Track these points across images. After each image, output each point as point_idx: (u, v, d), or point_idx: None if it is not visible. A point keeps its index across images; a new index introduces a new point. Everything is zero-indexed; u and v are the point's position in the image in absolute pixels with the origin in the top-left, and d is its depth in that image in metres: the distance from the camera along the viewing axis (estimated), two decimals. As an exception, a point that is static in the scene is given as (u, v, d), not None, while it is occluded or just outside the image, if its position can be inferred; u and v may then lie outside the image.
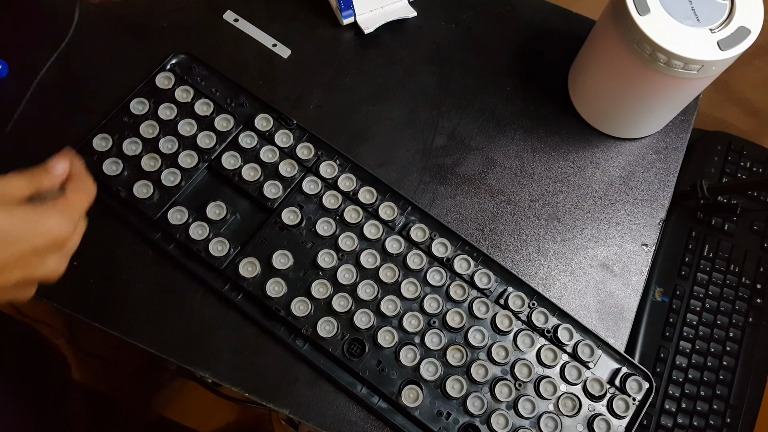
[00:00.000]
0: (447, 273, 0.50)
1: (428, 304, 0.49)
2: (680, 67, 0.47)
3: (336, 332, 0.47)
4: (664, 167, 0.58)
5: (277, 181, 0.52)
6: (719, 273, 0.75)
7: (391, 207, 0.52)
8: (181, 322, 0.49)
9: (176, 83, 0.55)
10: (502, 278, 0.51)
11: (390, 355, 0.47)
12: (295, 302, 0.48)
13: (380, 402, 0.47)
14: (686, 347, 0.71)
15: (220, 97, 0.55)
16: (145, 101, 0.54)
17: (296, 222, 0.50)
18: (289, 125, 0.54)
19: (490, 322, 0.49)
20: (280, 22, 0.60)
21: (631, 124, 0.57)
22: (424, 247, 0.51)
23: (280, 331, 0.48)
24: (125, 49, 0.58)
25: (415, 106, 0.59)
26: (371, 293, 0.49)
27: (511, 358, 0.48)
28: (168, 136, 0.53)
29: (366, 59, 0.60)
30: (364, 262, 0.50)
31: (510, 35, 0.63)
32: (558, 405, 0.47)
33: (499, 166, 0.57)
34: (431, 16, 0.63)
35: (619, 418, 0.47)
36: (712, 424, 0.69)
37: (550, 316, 0.49)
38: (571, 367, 0.48)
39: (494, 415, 0.46)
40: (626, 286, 0.53)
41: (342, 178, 0.52)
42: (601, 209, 0.56)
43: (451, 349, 0.48)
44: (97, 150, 0.51)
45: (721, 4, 0.48)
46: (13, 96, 0.55)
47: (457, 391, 0.47)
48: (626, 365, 0.49)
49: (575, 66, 0.60)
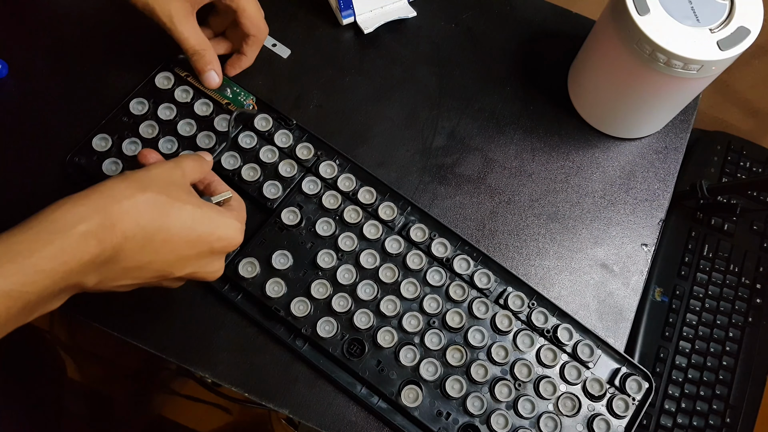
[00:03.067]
0: (446, 273, 0.50)
1: (428, 304, 0.49)
2: (680, 67, 0.47)
3: (336, 332, 0.47)
4: (663, 167, 0.58)
5: (277, 181, 0.52)
6: (719, 273, 0.75)
7: (390, 207, 0.52)
8: (180, 322, 0.49)
9: (176, 83, 0.55)
10: (501, 278, 0.51)
11: (390, 355, 0.47)
12: (295, 302, 0.48)
13: (380, 402, 0.47)
14: (686, 347, 0.71)
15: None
16: (144, 101, 0.53)
17: (296, 222, 0.50)
18: (289, 125, 0.54)
19: (489, 322, 0.49)
20: (279, 22, 0.60)
21: (631, 124, 0.57)
22: (423, 247, 0.51)
23: (280, 331, 0.48)
24: (125, 49, 0.58)
25: (414, 106, 0.59)
26: (371, 293, 0.49)
27: (511, 358, 0.48)
28: (167, 136, 0.53)
29: (366, 59, 0.60)
30: (364, 262, 0.50)
31: (510, 35, 0.63)
32: (558, 405, 0.47)
33: (498, 166, 0.57)
34: (431, 16, 0.63)
35: (618, 418, 0.47)
36: (711, 424, 0.69)
37: (549, 316, 0.50)
38: (571, 367, 0.48)
39: (494, 415, 0.46)
40: (626, 286, 0.53)
41: (341, 178, 0.52)
42: (600, 209, 0.56)
43: (451, 349, 0.48)
44: (96, 150, 0.51)
45: (720, 4, 0.48)
46: (13, 96, 0.55)
47: (457, 391, 0.47)
48: (626, 365, 0.49)
49: (575, 66, 0.60)
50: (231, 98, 0.54)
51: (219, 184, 0.44)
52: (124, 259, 0.35)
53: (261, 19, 0.52)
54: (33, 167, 0.53)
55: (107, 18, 0.59)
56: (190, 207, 0.37)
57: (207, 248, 0.39)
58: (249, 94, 0.54)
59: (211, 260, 0.40)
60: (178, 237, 0.37)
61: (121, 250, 0.35)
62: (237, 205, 0.43)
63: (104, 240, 0.34)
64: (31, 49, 0.57)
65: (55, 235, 0.32)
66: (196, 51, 0.50)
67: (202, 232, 0.38)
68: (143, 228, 0.35)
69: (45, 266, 0.32)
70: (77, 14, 0.59)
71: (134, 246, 0.35)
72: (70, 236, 0.32)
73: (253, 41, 0.53)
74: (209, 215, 0.38)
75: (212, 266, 0.41)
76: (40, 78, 0.56)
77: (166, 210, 0.36)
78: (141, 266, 0.36)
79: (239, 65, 0.54)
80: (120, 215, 0.34)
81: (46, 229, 0.33)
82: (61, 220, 0.33)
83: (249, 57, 0.54)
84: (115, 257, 0.35)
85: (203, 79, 0.52)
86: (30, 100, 0.55)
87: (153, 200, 0.36)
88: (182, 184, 0.39)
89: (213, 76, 0.52)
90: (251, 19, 0.51)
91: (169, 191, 0.37)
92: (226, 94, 0.54)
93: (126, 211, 0.35)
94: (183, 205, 0.37)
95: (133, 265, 0.36)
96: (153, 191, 0.36)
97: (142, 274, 0.37)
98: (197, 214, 0.38)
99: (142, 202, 0.35)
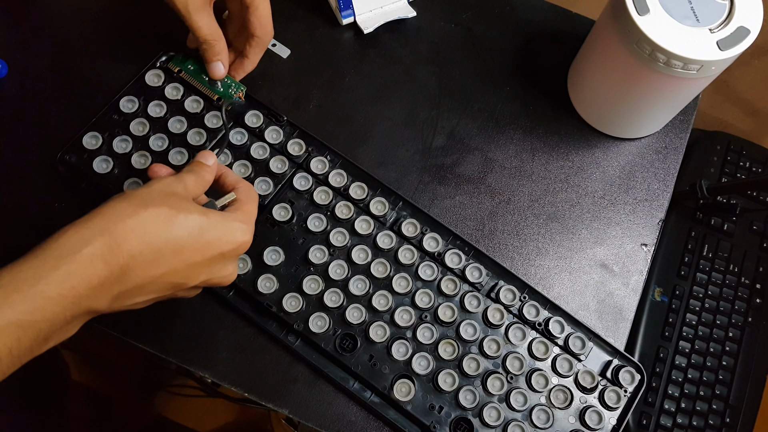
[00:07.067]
0: (438, 267, 0.50)
1: (420, 298, 0.49)
2: (680, 67, 0.47)
3: (328, 327, 0.47)
4: (663, 167, 0.58)
5: (268, 177, 0.52)
6: (718, 273, 0.75)
7: (382, 202, 0.52)
8: (180, 321, 0.49)
9: (166, 81, 0.55)
10: (493, 272, 0.51)
11: (382, 350, 0.47)
12: (287, 298, 0.48)
13: (372, 396, 0.47)
14: (685, 347, 0.71)
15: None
16: (134, 99, 0.53)
17: (287, 218, 0.50)
18: (280, 122, 0.54)
19: (481, 315, 0.49)
20: (279, 21, 0.60)
21: (631, 124, 0.57)
22: (415, 242, 0.51)
23: (272, 327, 0.48)
24: (115, 47, 0.58)
25: (414, 106, 0.59)
26: (363, 288, 0.49)
27: (503, 352, 0.48)
28: (158, 133, 0.52)
29: (365, 59, 0.60)
30: (356, 257, 0.50)
31: (509, 35, 0.63)
32: (550, 397, 0.47)
33: (498, 166, 0.57)
34: (431, 16, 0.63)
35: (610, 410, 0.48)
36: (711, 423, 0.69)
37: (541, 309, 0.50)
38: (563, 359, 0.48)
39: (486, 408, 0.46)
40: (626, 286, 0.53)
41: (333, 174, 0.52)
42: (600, 209, 0.56)
43: (443, 343, 0.48)
44: (87, 148, 0.51)
45: (720, 4, 0.48)
46: (13, 96, 0.55)
47: (449, 385, 0.47)
48: (618, 357, 0.49)
49: (575, 66, 0.60)
50: (222, 91, 0.54)
51: (228, 176, 0.44)
52: (134, 277, 0.35)
53: (269, 22, 0.52)
54: (24, 166, 0.52)
55: (98, 16, 0.59)
56: (196, 215, 0.37)
57: (217, 253, 0.39)
58: (240, 85, 0.54)
59: (223, 265, 0.40)
60: (188, 246, 0.37)
61: (129, 269, 0.34)
62: (244, 198, 0.42)
63: (111, 261, 0.33)
64: (31, 49, 0.57)
65: (61, 260, 0.32)
66: (207, 41, 0.50)
67: (211, 238, 0.38)
68: (149, 243, 0.35)
69: (52, 293, 0.31)
70: (67, 11, 0.59)
71: (143, 262, 0.35)
72: (77, 260, 0.32)
73: (257, 43, 0.53)
74: (215, 221, 0.38)
75: (225, 271, 0.41)
76: (32, 77, 0.56)
77: (171, 221, 0.36)
78: (154, 281, 0.36)
79: (242, 69, 0.54)
80: (124, 234, 0.34)
81: (51, 255, 0.32)
82: (65, 245, 0.33)
83: (252, 60, 0.54)
84: (124, 277, 0.35)
85: (209, 68, 0.53)
86: (23, 99, 0.55)
87: (156, 214, 0.36)
88: (184, 197, 0.39)
89: (219, 67, 0.52)
90: (260, 19, 0.51)
91: (171, 203, 0.37)
92: (216, 88, 0.54)
93: (131, 229, 0.34)
94: (188, 214, 0.37)
95: (145, 281, 0.36)
96: (155, 206, 0.36)
97: (156, 288, 0.37)
98: (203, 221, 0.37)
99: (146, 218, 0.35)
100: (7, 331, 0.30)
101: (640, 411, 0.69)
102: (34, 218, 0.51)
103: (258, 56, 0.54)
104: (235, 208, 0.41)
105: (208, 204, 0.41)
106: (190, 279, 0.38)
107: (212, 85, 0.54)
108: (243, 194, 0.43)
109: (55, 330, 0.33)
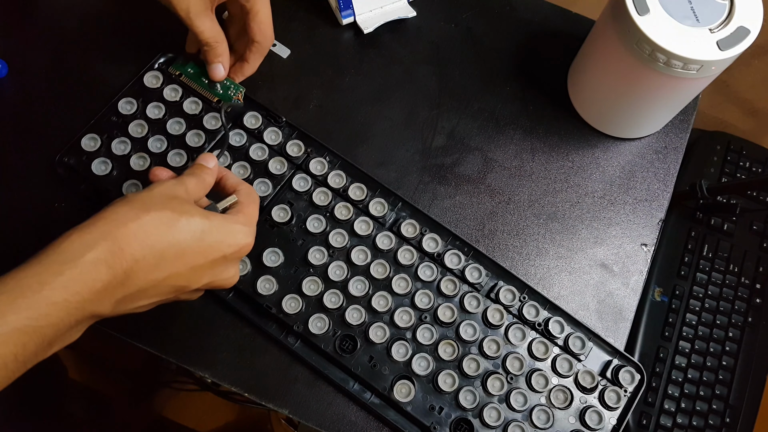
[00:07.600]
0: (438, 268, 0.50)
1: (419, 299, 0.49)
2: (679, 67, 0.47)
3: (327, 329, 0.47)
4: (663, 167, 0.58)
5: (267, 178, 0.52)
6: (718, 273, 0.75)
7: (381, 203, 0.52)
8: (180, 322, 0.49)
9: (164, 82, 0.55)
10: (492, 272, 0.51)
11: (382, 351, 0.47)
12: (286, 299, 0.48)
13: (373, 397, 0.47)
14: (685, 347, 0.71)
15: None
16: (133, 101, 0.53)
17: (286, 219, 0.50)
18: (278, 123, 0.54)
19: (481, 316, 0.49)
20: (279, 22, 0.60)
21: (631, 124, 0.57)
22: (414, 242, 0.51)
23: (272, 328, 0.48)
24: (114, 49, 0.58)
25: (414, 106, 0.59)
26: (362, 289, 0.49)
27: (503, 352, 0.48)
28: (157, 135, 0.52)
29: (365, 59, 0.60)
30: (355, 258, 0.50)
31: (509, 35, 0.63)
32: (550, 398, 0.47)
33: (498, 166, 0.57)
34: (431, 16, 0.63)
35: (610, 410, 0.48)
36: (711, 424, 0.69)
37: (540, 310, 0.50)
38: (563, 359, 0.48)
39: (486, 408, 0.46)
40: (625, 286, 0.53)
41: (332, 175, 0.52)
42: (600, 209, 0.56)
43: (443, 344, 0.48)
44: (85, 150, 0.51)
45: (720, 4, 0.48)
46: (13, 96, 0.55)
47: (449, 386, 0.47)
48: (617, 357, 0.49)
49: (574, 66, 0.60)
50: (221, 93, 0.54)
51: (229, 178, 0.44)
52: (137, 281, 0.35)
53: (269, 27, 0.52)
54: (24, 167, 0.52)
55: (97, 17, 0.59)
56: (198, 218, 0.37)
57: (220, 256, 0.39)
58: (239, 86, 0.54)
59: (225, 268, 0.40)
60: (190, 249, 0.37)
61: (132, 273, 0.35)
62: (246, 201, 0.42)
63: (114, 265, 0.34)
64: (31, 49, 0.57)
65: (65, 265, 0.32)
66: (209, 43, 0.50)
67: (213, 241, 0.38)
68: (152, 247, 0.35)
69: (57, 298, 0.32)
70: (67, 12, 0.59)
71: (146, 266, 0.35)
72: (80, 265, 0.32)
73: (257, 48, 0.53)
74: (217, 224, 0.38)
75: (227, 273, 0.41)
76: (32, 77, 0.56)
77: (173, 224, 0.36)
78: (157, 284, 0.36)
79: (242, 73, 0.54)
80: (127, 239, 0.34)
81: (54, 261, 0.32)
82: (68, 251, 0.33)
83: (252, 65, 0.54)
84: (128, 281, 0.35)
85: (210, 69, 0.53)
86: (23, 100, 0.55)
87: (158, 218, 0.36)
88: (186, 200, 0.39)
89: (219, 68, 0.52)
90: (260, 24, 0.51)
91: (173, 206, 0.37)
92: (216, 90, 0.54)
93: (133, 233, 0.34)
94: (190, 217, 0.37)
95: (148, 285, 0.36)
96: (157, 209, 0.36)
97: (159, 291, 0.37)
98: (205, 224, 0.37)
99: (148, 221, 0.35)
100: (12, 338, 0.30)
101: (640, 411, 0.69)
102: (33, 220, 0.51)
103: (258, 61, 0.54)
104: (236, 210, 0.41)
105: (209, 207, 0.41)
106: (192, 282, 0.38)
107: (212, 87, 0.54)
108: (244, 196, 0.43)
109: (59, 335, 0.33)
